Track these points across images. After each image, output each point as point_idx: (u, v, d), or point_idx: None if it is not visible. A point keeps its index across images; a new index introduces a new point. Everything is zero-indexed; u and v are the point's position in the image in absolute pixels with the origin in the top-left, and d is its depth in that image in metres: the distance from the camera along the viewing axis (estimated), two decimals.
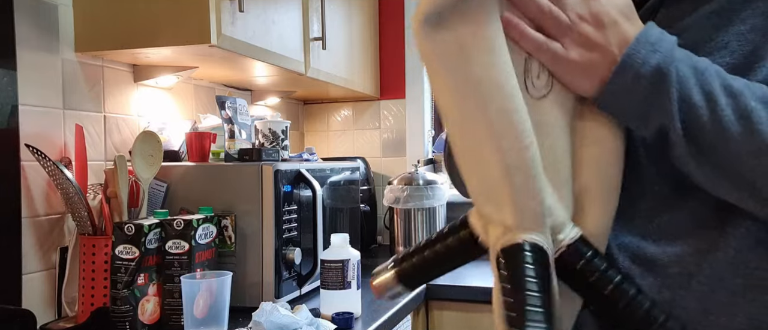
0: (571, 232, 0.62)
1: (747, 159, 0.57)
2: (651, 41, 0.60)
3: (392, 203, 2.26)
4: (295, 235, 1.59)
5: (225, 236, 1.51)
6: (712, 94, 0.58)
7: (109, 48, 1.49)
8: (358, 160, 2.38)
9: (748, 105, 0.57)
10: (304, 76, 1.91)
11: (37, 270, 1.39)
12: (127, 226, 1.30)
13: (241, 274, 1.47)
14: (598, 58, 0.61)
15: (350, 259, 1.45)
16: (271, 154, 1.60)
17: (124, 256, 1.29)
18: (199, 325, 1.25)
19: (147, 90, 1.75)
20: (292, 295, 1.58)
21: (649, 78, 0.59)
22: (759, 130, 0.57)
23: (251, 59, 1.61)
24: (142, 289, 1.32)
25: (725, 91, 0.58)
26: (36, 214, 1.39)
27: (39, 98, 1.41)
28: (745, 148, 0.57)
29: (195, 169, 1.58)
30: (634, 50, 0.59)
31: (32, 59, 1.39)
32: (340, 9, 2.18)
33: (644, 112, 0.60)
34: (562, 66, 0.62)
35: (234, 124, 1.75)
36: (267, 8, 1.65)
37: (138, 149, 1.46)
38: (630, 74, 0.59)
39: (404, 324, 1.68)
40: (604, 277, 0.61)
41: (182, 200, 1.55)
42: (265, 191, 1.49)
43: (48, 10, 1.43)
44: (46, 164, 1.33)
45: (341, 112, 2.69)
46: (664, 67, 0.59)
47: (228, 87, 2.13)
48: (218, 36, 1.42)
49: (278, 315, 1.25)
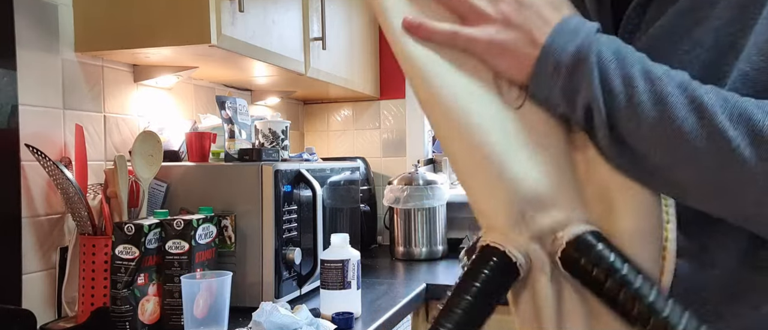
0: (576, 229, 0.60)
1: (660, 145, 0.57)
2: (570, 29, 0.60)
3: (392, 203, 2.26)
4: (295, 235, 1.59)
5: (225, 236, 1.51)
6: (631, 79, 0.58)
7: (109, 48, 1.49)
8: (358, 160, 2.38)
9: (664, 89, 0.57)
10: (304, 76, 1.91)
11: (37, 270, 1.39)
12: (127, 226, 1.30)
13: (241, 274, 1.47)
14: (518, 37, 0.61)
15: (350, 259, 1.45)
16: (271, 154, 1.60)
17: (124, 256, 1.29)
18: (199, 325, 1.25)
19: (147, 90, 1.75)
20: (292, 295, 1.58)
21: (569, 64, 0.59)
22: (673, 116, 0.56)
23: (251, 59, 1.61)
24: (142, 289, 1.32)
25: (644, 76, 0.57)
26: (36, 214, 1.39)
27: (39, 98, 1.41)
28: (658, 133, 0.57)
29: (195, 169, 1.58)
30: (552, 39, 0.60)
31: (32, 59, 1.39)
32: (340, 9, 2.18)
33: (569, 97, 0.60)
34: (481, 48, 0.62)
35: (234, 124, 1.75)
36: (267, 8, 1.65)
37: (138, 149, 1.46)
38: (551, 63, 0.59)
39: (404, 324, 1.68)
40: (606, 270, 0.58)
41: (182, 200, 1.55)
42: (265, 191, 1.49)
43: (48, 10, 1.43)
44: (46, 164, 1.33)
45: (341, 112, 2.69)
46: (584, 52, 0.59)
47: (228, 87, 2.13)
48: (218, 36, 1.41)
49: (278, 315, 1.25)
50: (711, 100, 0.56)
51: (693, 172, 0.57)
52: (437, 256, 2.27)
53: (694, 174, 0.57)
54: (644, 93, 0.57)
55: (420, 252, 2.26)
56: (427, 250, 2.26)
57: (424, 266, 2.14)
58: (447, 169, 2.51)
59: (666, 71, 0.58)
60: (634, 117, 0.57)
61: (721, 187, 0.57)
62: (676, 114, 0.56)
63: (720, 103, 0.56)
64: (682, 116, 0.56)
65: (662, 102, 0.56)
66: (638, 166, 0.60)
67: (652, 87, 0.57)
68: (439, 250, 2.28)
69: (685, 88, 0.57)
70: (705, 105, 0.56)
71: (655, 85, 0.57)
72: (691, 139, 0.56)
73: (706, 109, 0.56)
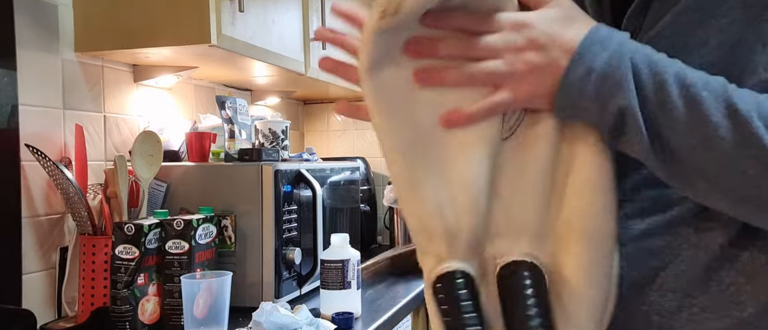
0: (509, 257, 0.63)
1: (695, 152, 0.56)
2: (600, 39, 0.58)
3: (392, 203, 2.26)
4: (295, 235, 1.59)
5: (225, 236, 1.51)
6: (663, 84, 0.56)
7: (109, 48, 1.49)
8: (358, 160, 2.38)
9: (698, 95, 0.55)
10: (304, 76, 1.91)
11: (37, 270, 1.39)
12: (127, 226, 1.30)
13: (241, 274, 1.47)
14: (549, 77, 0.59)
15: (350, 259, 1.45)
16: (271, 154, 1.60)
17: (124, 256, 1.29)
18: (199, 325, 1.25)
19: (147, 90, 1.75)
20: (292, 295, 1.58)
21: (602, 69, 0.57)
22: (707, 123, 0.55)
23: (251, 59, 1.61)
24: (142, 289, 1.32)
25: (678, 82, 0.56)
26: (36, 214, 1.39)
27: (39, 98, 1.41)
28: (693, 140, 0.56)
29: (195, 169, 1.58)
30: (583, 49, 0.58)
31: (32, 59, 1.39)
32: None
33: (602, 102, 0.58)
34: (521, 103, 0.61)
35: (234, 124, 1.75)
36: (267, 8, 1.65)
37: (138, 149, 1.46)
38: (582, 68, 0.58)
39: (404, 324, 1.68)
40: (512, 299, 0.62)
41: (182, 200, 1.55)
42: (265, 191, 1.49)
43: (48, 10, 1.43)
44: (46, 164, 1.33)
45: None
46: (616, 57, 0.57)
47: (228, 87, 2.13)
48: (218, 36, 1.41)
49: (278, 315, 1.25)
50: (747, 106, 0.55)
51: (731, 180, 0.56)
52: None
53: (731, 182, 0.56)
54: (678, 98, 0.56)
55: None
56: None
57: None
58: None
59: (700, 76, 0.57)
60: (669, 123, 0.56)
61: (759, 196, 0.56)
62: (710, 120, 0.55)
63: (756, 109, 0.55)
64: (716, 122, 0.55)
65: (696, 108, 0.55)
66: (678, 174, 0.59)
67: (686, 92, 0.56)
68: None
69: (721, 93, 0.56)
70: (740, 111, 0.55)
71: (689, 91, 0.56)
72: (726, 146, 0.55)
73: (741, 114, 0.54)
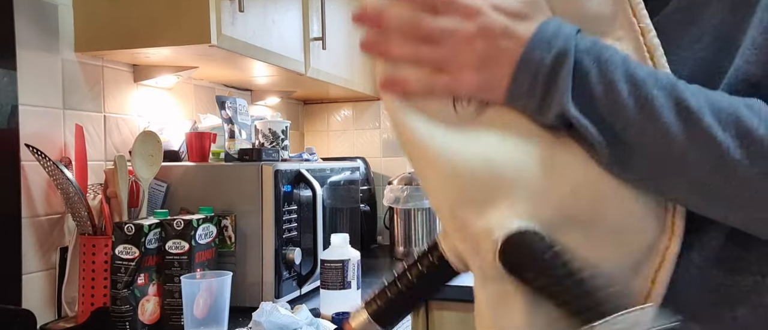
0: (507, 229, 0.59)
1: (648, 150, 0.56)
2: (547, 37, 0.58)
3: (392, 203, 2.26)
4: (295, 235, 1.59)
5: (225, 236, 1.51)
6: (612, 83, 0.56)
7: (109, 48, 1.49)
8: (358, 160, 2.38)
9: (649, 93, 0.55)
10: (304, 76, 1.91)
11: (37, 270, 1.39)
12: (127, 226, 1.30)
13: (241, 274, 1.47)
14: (497, 71, 0.59)
15: (350, 259, 1.45)
16: (271, 154, 1.60)
17: (124, 256, 1.29)
18: (199, 325, 1.25)
19: (147, 90, 1.75)
20: (292, 295, 1.58)
21: (546, 76, 0.57)
22: (658, 120, 0.55)
23: (251, 59, 1.61)
24: (142, 289, 1.32)
25: (627, 80, 0.56)
26: (36, 214, 1.39)
27: (39, 98, 1.41)
28: (646, 138, 0.55)
29: (195, 169, 1.58)
30: (528, 50, 0.58)
31: (32, 59, 1.39)
32: (340, 9, 2.18)
33: (543, 107, 0.58)
34: (464, 91, 0.61)
35: (234, 124, 1.75)
36: (267, 8, 1.65)
37: (138, 149, 1.46)
38: (528, 77, 0.58)
39: (404, 324, 1.68)
40: (543, 268, 0.58)
41: (182, 200, 1.55)
42: (265, 191, 1.49)
43: (48, 10, 1.43)
44: (46, 164, 1.33)
45: (341, 112, 2.69)
46: (560, 59, 0.57)
47: (228, 87, 2.13)
48: (218, 36, 1.41)
49: (278, 315, 1.25)
50: (698, 102, 0.55)
51: (685, 177, 0.56)
52: None
53: (686, 179, 0.56)
54: (628, 98, 0.56)
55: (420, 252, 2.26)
56: None
57: None
58: None
59: (650, 73, 0.57)
60: (620, 123, 0.56)
61: (715, 192, 0.56)
62: (661, 118, 0.55)
63: (708, 105, 0.55)
64: (667, 120, 0.55)
65: (646, 106, 0.55)
66: (632, 171, 0.58)
67: (636, 91, 0.56)
68: None
69: (671, 90, 0.56)
70: (691, 107, 0.55)
71: (638, 89, 0.56)
72: (678, 143, 0.55)
73: (693, 111, 0.55)
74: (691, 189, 0.57)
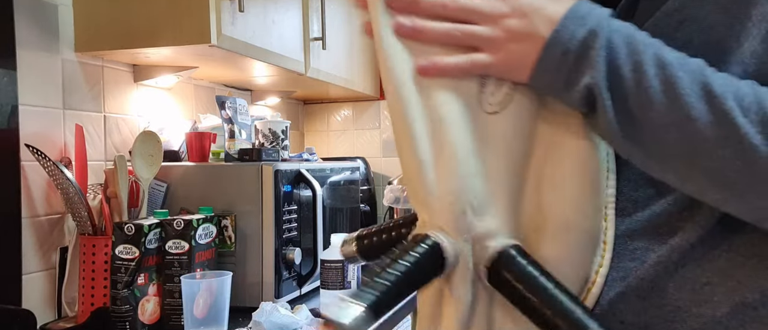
0: (503, 241, 0.60)
1: (670, 132, 0.56)
2: (580, 15, 0.59)
3: (392, 203, 2.26)
4: (295, 235, 1.59)
5: (225, 236, 1.51)
6: (640, 64, 0.57)
7: (109, 48, 1.49)
8: (358, 160, 2.38)
9: (675, 74, 0.56)
10: (304, 76, 1.91)
11: (37, 270, 1.39)
12: (127, 226, 1.30)
13: (241, 274, 1.47)
14: (529, 47, 0.60)
15: None
16: (271, 154, 1.60)
17: (124, 256, 1.29)
18: (199, 325, 1.25)
19: (147, 90, 1.75)
20: (292, 295, 1.58)
21: (577, 50, 0.58)
22: (682, 102, 0.55)
23: (251, 59, 1.61)
24: (142, 289, 1.32)
25: (655, 61, 0.56)
26: (36, 214, 1.39)
27: (39, 98, 1.41)
28: (669, 120, 0.56)
29: (195, 169, 1.58)
30: (562, 26, 0.59)
31: (32, 59, 1.39)
32: (340, 9, 2.18)
33: (571, 79, 0.59)
34: (498, 69, 0.62)
35: (234, 124, 1.75)
36: (267, 8, 1.65)
37: (138, 149, 1.46)
38: (558, 51, 0.58)
39: (404, 324, 1.68)
40: (533, 285, 0.58)
41: (182, 200, 1.55)
42: (265, 191, 1.49)
43: (48, 10, 1.43)
44: (46, 164, 1.33)
45: (341, 112, 2.69)
46: (592, 36, 0.58)
47: (228, 87, 2.13)
48: (218, 36, 1.42)
49: (278, 315, 1.25)
50: (722, 88, 0.55)
51: (704, 162, 0.56)
52: None
53: (705, 164, 0.56)
54: (654, 78, 0.56)
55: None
56: None
57: None
58: None
59: (679, 57, 0.57)
60: (645, 103, 0.56)
61: (733, 180, 0.55)
62: (685, 99, 0.55)
63: (732, 91, 0.55)
64: (691, 102, 0.55)
65: (671, 87, 0.55)
66: (652, 157, 0.59)
67: (663, 72, 0.56)
68: None
69: (698, 73, 0.56)
70: (715, 91, 0.55)
71: (665, 71, 0.56)
72: (700, 125, 0.54)
73: (716, 95, 0.54)
74: (706, 173, 0.56)
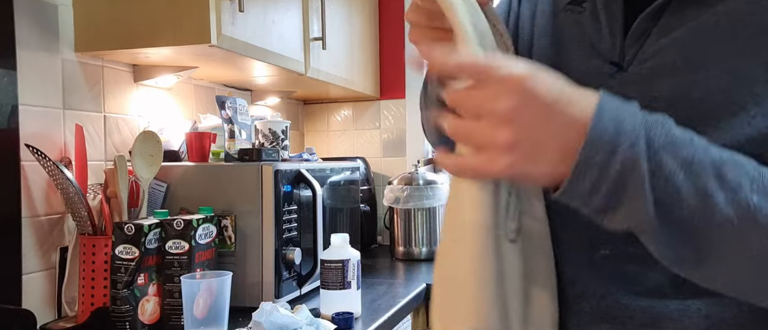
0: None
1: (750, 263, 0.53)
2: (606, 138, 0.51)
3: (392, 203, 2.26)
4: (295, 235, 1.59)
5: (225, 236, 1.51)
6: (705, 191, 0.51)
7: (109, 48, 1.49)
8: (358, 160, 2.38)
9: (749, 200, 0.51)
10: (304, 76, 1.91)
11: (37, 270, 1.39)
12: (127, 226, 1.30)
13: (241, 274, 1.47)
14: (555, 156, 0.54)
15: (350, 259, 1.45)
16: (271, 154, 1.60)
17: (124, 256, 1.29)
18: (199, 325, 1.25)
19: (147, 90, 1.75)
20: (292, 295, 1.58)
21: (614, 182, 0.52)
22: (752, 231, 0.51)
23: (251, 59, 1.61)
24: (142, 289, 1.32)
25: (720, 184, 0.51)
26: (36, 214, 1.39)
27: (39, 98, 1.41)
28: (729, 246, 0.52)
29: (195, 169, 1.58)
30: (588, 155, 0.52)
31: (32, 59, 1.39)
32: (340, 9, 2.18)
33: (610, 214, 0.54)
34: (500, 175, 0.56)
35: (234, 124, 1.75)
36: (267, 8, 1.65)
37: (138, 149, 1.46)
38: (588, 183, 0.52)
39: (404, 324, 1.68)
40: None
41: (182, 200, 1.55)
42: (265, 191, 1.49)
43: (48, 10, 1.43)
44: (46, 164, 1.33)
45: (341, 112, 2.69)
46: (630, 160, 0.51)
47: (228, 87, 2.13)
48: (218, 36, 1.42)
49: (278, 315, 1.25)
50: None
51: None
52: None
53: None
54: (726, 207, 0.51)
55: (420, 252, 2.26)
56: (427, 250, 2.26)
57: (424, 266, 2.14)
58: None
59: (739, 170, 0.52)
60: (718, 237, 0.52)
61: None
62: (754, 230, 0.51)
63: None
64: (757, 232, 0.51)
65: (751, 218, 0.51)
66: (707, 275, 0.56)
67: (735, 196, 0.51)
68: None
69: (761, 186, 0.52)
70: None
71: (737, 195, 0.51)
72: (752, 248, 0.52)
73: None
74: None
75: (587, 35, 0.70)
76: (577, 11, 0.72)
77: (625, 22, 0.68)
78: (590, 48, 0.70)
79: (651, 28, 0.65)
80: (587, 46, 0.70)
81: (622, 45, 0.67)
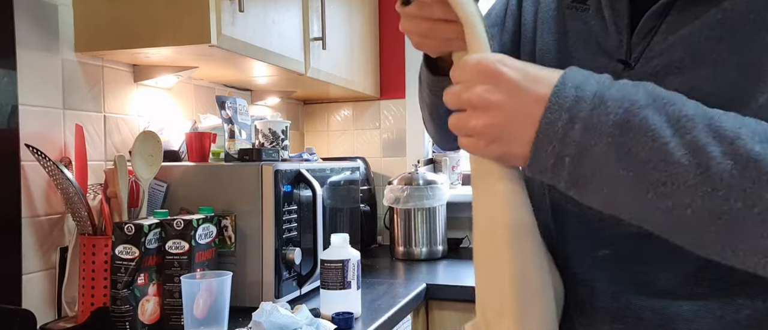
0: None
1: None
2: (566, 106, 0.53)
3: (392, 203, 2.26)
4: (295, 235, 1.59)
5: (225, 236, 1.51)
6: (698, 144, 0.51)
7: (109, 48, 1.49)
8: (358, 160, 2.38)
9: (751, 151, 0.50)
10: (304, 76, 1.91)
11: (37, 270, 1.39)
12: (127, 226, 1.30)
13: (241, 274, 1.47)
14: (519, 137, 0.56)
15: (350, 259, 1.45)
16: (271, 154, 1.60)
17: (124, 256, 1.29)
18: (199, 325, 1.25)
19: (147, 90, 1.75)
20: (292, 295, 1.58)
21: (577, 147, 0.53)
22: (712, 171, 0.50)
23: (251, 59, 1.61)
24: (142, 289, 1.32)
25: (715, 137, 0.51)
26: (36, 214, 1.39)
27: (39, 98, 1.41)
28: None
29: (195, 169, 1.58)
30: (548, 123, 0.54)
31: (32, 59, 1.39)
32: (340, 9, 2.18)
33: (582, 186, 0.55)
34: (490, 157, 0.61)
35: (234, 124, 1.75)
36: (267, 8, 1.65)
37: (138, 149, 1.46)
38: (551, 155, 0.54)
39: (404, 324, 1.68)
40: None
41: (182, 200, 1.55)
42: (265, 191, 1.49)
43: (48, 10, 1.43)
44: (46, 164, 1.33)
45: (341, 112, 2.69)
46: (592, 128, 0.52)
47: (228, 87, 2.13)
48: (218, 36, 1.41)
49: (278, 315, 1.25)
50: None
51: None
52: (437, 256, 2.27)
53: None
54: (724, 158, 0.50)
55: (420, 252, 2.26)
56: (427, 250, 2.26)
57: (424, 266, 2.14)
58: (447, 169, 2.51)
59: (736, 121, 0.52)
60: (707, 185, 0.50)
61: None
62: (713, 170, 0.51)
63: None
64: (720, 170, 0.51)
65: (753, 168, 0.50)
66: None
67: (733, 149, 0.50)
68: (439, 250, 2.28)
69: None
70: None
71: (734, 146, 0.50)
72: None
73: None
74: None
75: (593, 33, 0.71)
76: (581, 9, 0.72)
77: (630, 20, 0.68)
78: (596, 46, 0.70)
79: (658, 26, 0.65)
80: (593, 44, 0.70)
81: (628, 43, 0.67)
